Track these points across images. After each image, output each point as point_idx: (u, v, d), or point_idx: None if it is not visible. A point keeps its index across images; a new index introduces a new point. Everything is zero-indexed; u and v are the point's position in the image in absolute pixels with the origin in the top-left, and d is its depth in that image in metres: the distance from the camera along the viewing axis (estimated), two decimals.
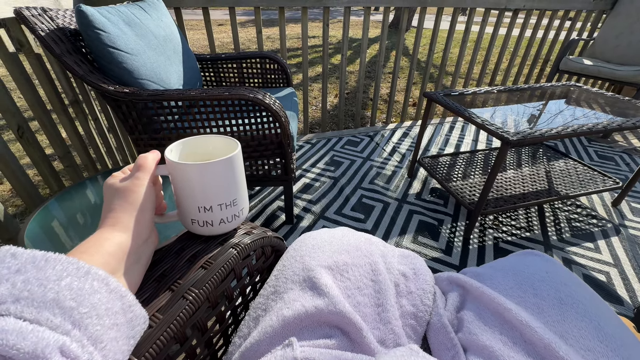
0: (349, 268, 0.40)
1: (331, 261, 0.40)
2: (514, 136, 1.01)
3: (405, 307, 0.39)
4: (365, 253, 0.42)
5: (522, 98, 1.48)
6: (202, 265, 0.35)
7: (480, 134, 2.21)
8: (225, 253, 0.37)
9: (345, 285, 0.38)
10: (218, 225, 0.39)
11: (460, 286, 0.46)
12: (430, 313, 0.40)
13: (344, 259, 0.41)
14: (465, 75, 2.42)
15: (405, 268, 0.44)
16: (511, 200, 1.30)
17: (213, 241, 0.39)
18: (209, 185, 0.36)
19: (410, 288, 0.41)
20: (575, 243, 1.27)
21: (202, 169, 0.35)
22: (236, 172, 0.39)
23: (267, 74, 1.57)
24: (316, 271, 0.38)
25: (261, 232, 0.44)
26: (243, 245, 0.39)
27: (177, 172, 0.36)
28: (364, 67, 2.04)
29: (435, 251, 1.22)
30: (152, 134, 1.03)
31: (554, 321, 0.34)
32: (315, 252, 0.42)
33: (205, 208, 0.37)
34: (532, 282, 0.40)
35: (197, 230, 0.40)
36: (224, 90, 0.95)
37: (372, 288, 0.39)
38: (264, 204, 1.44)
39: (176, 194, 0.38)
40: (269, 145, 1.10)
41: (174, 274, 0.34)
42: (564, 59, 2.30)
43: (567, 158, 1.67)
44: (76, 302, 0.20)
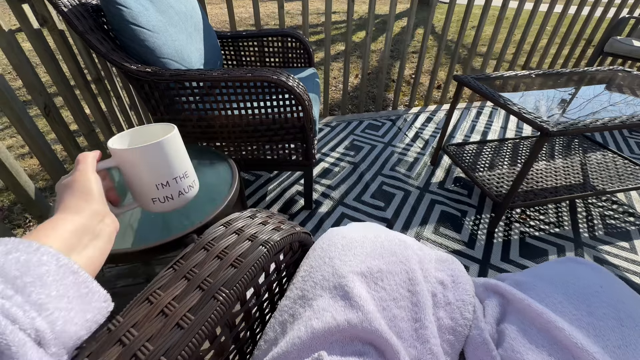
0: (384, 276, 0.38)
1: (364, 267, 0.38)
2: (555, 127, 0.93)
3: (442, 320, 0.37)
4: (401, 259, 0.40)
5: (562, 83, 1.37)
6: (232, 264, 0.34)
7: (510, 121, 2.09)
8: (255, 251, 0.36)
9: (380, 296, 0.36)
10: (178, 197, 0.44)
11: (499, 294, 0.43)
12: (470, 326, 0.38)
13: (379, 265, 0.39)
14: (498, 56, 2.26)
15: (443, 275, 0.41)
16: (542, 194, 1.23)
17: (241, 236, 0.38)
18: (162, 162, 0.41)
19: (449, 298, 0.39)
20: (608, 242, 1.20)
21: (155, 147, 0.40)
22: (180, 148, 0.45)
23: (288, 53, 1.51)
24: (348, 278, 0.36)
25: (290, 227, 0.42)
26: (273, 242, 0.37)
27: (131, 158, 0.40)
28: (389, 44, 1.93)
29: (457, 243, 1.18)
30: (174, 115, 1.02)
31: (615, 346, 0.31)
32: (346, 254, 0.40)
33: (162, 184, 0.42)
34: (584, 298, 0.37)
35: (159, 208, 0.43)
36: (246, 71, 0.91)
37: (409, 300, 0.36)
38: (283, 188, 1.43)
39: (130, 181, 0.42)
40: (290, 129, 1.07)
41: (203, 271, 0.33)
42: (610, 39, 2.10)
43: (605, 150, 1.55)
44: (20, 272, 0.21)
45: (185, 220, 0.64)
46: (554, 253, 1.15)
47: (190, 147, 0.93)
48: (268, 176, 1.51)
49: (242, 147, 1.12)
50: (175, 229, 0.61)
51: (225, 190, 0.71)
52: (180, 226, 0.62)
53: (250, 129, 1.06)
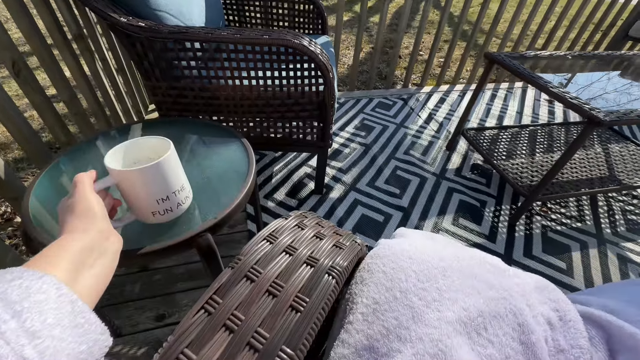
0: (487, 322, 0.28)
1: (459, 309, 0.28)
2: (606, 116, 0.84)
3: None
4: (503, 294, 0.30)
5: (598, 67, 1.26)
6: (291, 305, 0.23)
7: (526, 105, 1.99)
8: (320, 284, 0.25)
9: (488, 354, 0.26)
10: (177, 209, 0.48)
11: (597, 326, 0.35)
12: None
13: (477, 305, 0.28)
14: (517, 39, 2.11)
15: (547, 310, 0.32)
16: (566, 187, 1.16)
17: (295, 258, 0.27)
18: (162, 179, 0.44)
19: (561, 344, 0.30)
20: (631, 239, 1.16)
21: (155, 167, 0.42)
22: (178, 163, 0.47)
23: (298, 17, 1.33)
24: (442, 332, 0.26)
25: (350, 241, 0.32)
26: (341, 269, 0.27)
27: (131, 178, 0.42)
28: (407, 13, 1.75)
29: (478, 236, 1.11)
30: (171, 81, 0.87)
31: None
32: (425, 288, 0.30)
33: (162, 199, 0.45)
34: None
35: (159, 220, 0.48)
36: (262, 33, 0.76)
37: (523, 356, 0.27)
38: (290, 169, 1.31)
39: (129, 197, 0.44)
40: (306, 105, 0.93)
41: (252, 317, 0.22)
42: (637, 23, 1.97)
43: (628, 141, 1.48)
44: (20, 297, 0.21)
45: (194, 214, 0.53)
46: (577, 249, 1.10)
47: (196, 122, 0.80)
48: (273, 156, 1.38)
49: (250, 123, 0.98)
50: (182, 225, 0.50)
51: (240, 177, 0.59)
52: (189, 222, 0.51)
53: (260, 102, 0.92)
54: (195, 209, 0.54)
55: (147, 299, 0.86)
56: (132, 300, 0.86)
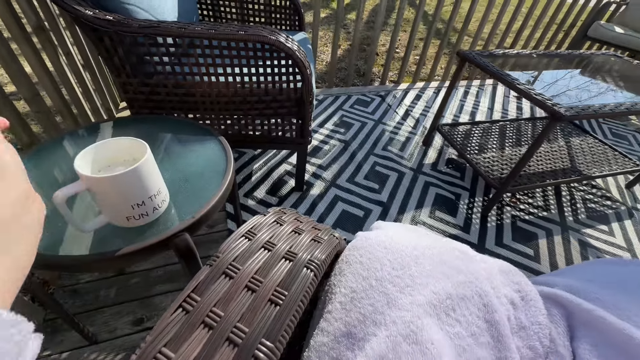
0: (455, 304, 0.30)
1: (429, 293, 0.30)
2: (567, 111, 0.89)
3: (520, 351, 0.30)
4: (469, 277, 0.32)
5: (561, 65, 1.34)
6: (270, 299, 0.24)
7: (496, 101, 2.08)
8: (299, 277, 0.26)
9: (456, 332, 0.28)
10: (152, 213, 0.48)
11: (559, 305, 0.38)
12: (547, 354, 0.32)
13: (446, 289, 0.30)
14: (487, 37, 2.20)
15: (511, 292, 0.34)
16: (533, 179, 1.23)
17: (273, 253, 0.27)
18: (138, 185, 0.43)
19: (522, 321, 0.32)
20: (590, 225, 1.25)
21: (131, 173, 0.40)
22: (154, 168, 0.46)
23: (274, 12, 1.32)
24: (413, 314, 0.28)
25: (329, 236, 0.32)
26: (319, 262, 0.27)
27: (105, 184, 0.40)
28: (383, 12, 1.78)
29: (453, 228, 1.16)
30: (143, 77, 0.84)
31: None
32: (399, 276, 0.31)
33: (138, 204, 0.44)
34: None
35: (133, 224, 0.47)
36: (237, 28, 0.75)
37: (488, 333, 0.29)
38: (270, 167, 1.31)
39: (102, 202, 0.43)
40: (284, 102, 0.93)
41: (231, 313, 0.23)
42: (594, 24, 2.11)
43: (587, 135, 1.59)
44: None
45: (171, 214, 0.51)
46: (543, 237, 1.17)
47: (170, 120, 0.77)
48: (253, 153, 1.37)
49: (227, 120, 0.97)
50: (159, 226, 0.49)
51: (218, 175, 0.59)
52: (166, 222, 0.50)
53: (237, 99, 0.91)
54: (172, 209, 0.52)
55: (124, 303, 0.83)
56: (107, 306, 0.83)
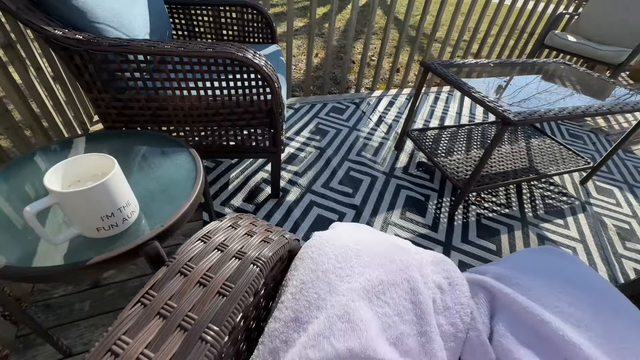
0: (385, 288, 0.35)
1: (364, 280, 0.35)
2: (516, 116, 0.98)
3: (443, 327, 0.36)
4: (400, 266, 0.37)
5: (516, 73, 1.45)
6: (219, 291, 0.28)
7: (464, 106, 2.20)
8: (245, 272, 0.30)
9: (384, 312, 0.33)
10: (122, 224, 0.50)
11: (485, 290, 0.43)
12: (468, 329, 0.37)
13: (379, 276, 0.35)
14: (455, 43, 2.33)
15: (440, 278, 0.40)
16: (495, 178, 1.32)
17: (225, 253, 0.32)
18: (107, 198, 0.45)
19: (447, 303, 0.38)
20: (547, 220, 1.35)
21: (99, 188, 0.43)
22: (123, 181, 0.49)
23: (247, 26, 1.37)
24: (348, 297, 0.33)
25: (279, 237, 0.37)
26: (265, 259, 0.32)
27: (74, 199, 0.43)
28: (354, 24, 1.86)
29: (423, 227, 1.22)
30: (115, 93, 0.86)
31: (597, 336, 0.32)
32: (341, 267, 0.36)
33: (107, 216, 0.47)
34: (562, 288, 0.38)
35: (104, 235, 0.49)
36: (206, 46, 0.79)
37: (412, 312, 0.34)
38: (247, 175, 1.34)
39: (72, 215, 0.46)
40: (256, 113, 0.98)
41: (183, 304, 0.26)
42: (550, 33, 2.28)
43: (545, 136, 1.71)
44: None
45: (141, 223, 0.54)
46: (505, 232, 1.26)
47: (142, 134, 0.80)
48: (229, 162, 1.40)
49: (200, 132, 1.00)
50: (129, 235, 0.52)
51: (188, 186, 0.62)
52: (136, 232, 0.53)
53: (210, 112, 0.94)
54: (143, 219, 0.55)
55: (100, 315, 0.84)
56: (82, 319, 0.83)
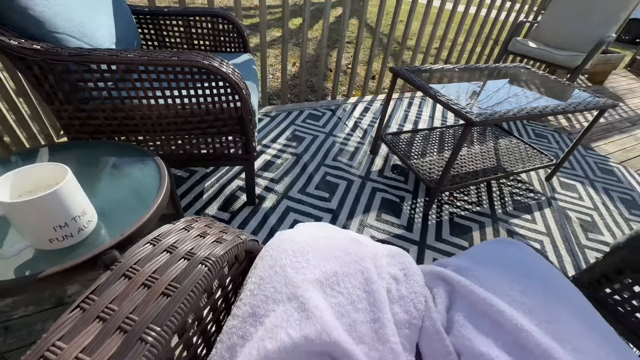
0: (339, 279, 0.36)
1: (319, 272, 0.36)
2: (477, 117, 1.03)
3: (398, 315, 0.37)
4: (355, 258, 0.38)
5: (479, 77, 1.53)
6: (163, 292, 0.28)
7: (437, 110, 2.28)
8: (193, 272, 0.30)
9: (338, 302, 0.34)
10: (78, 234, 0.48)
11: (445, 282, 0.45)
12: (423, 317, 0.38)
13: (334, 268, 0.36)
14: (424, 50, 2.42)
15: (395, 270, 0.41)
16: (466, 178, 1.37)
17: (174, 255, 0.32)
18: (59, 208, 0.44)
19: (402, 292, 0.39)
20: (516, 215, 1.41)
21: (50, 197, 0.42)
22: (77, 189, 0.47)
23: (219, 36, 1.38)
24: (303, 288, 0.33)
25: (234, 236, 0.37)
26: (215, 258, 0.32)
27: (23, 209, 0.41)
28: (327, 34, 1.91)
29: (398, 228, 1.25)
30: (78, 104, 0.84)
31: (545, 322, 0.34)
32: (298, 260, 0.37)
33: (60, 226, 0.45)
34: (516, 277, 0.40)
35: (58, 246, 0.47)
36: (171, 54, 0.79)
37: (366, 301, 0.35)
38: (222, 184, 1.33)
39: (22, 227, 0.44)
40: (227, 120, 0.98)
41: (124, 307, 0.26)
42: (512, 40, 2.42)
43: (511, 136, 1.80)
44: None
45: (100, 232, 0.53)
46: (477, 229, 1.30)
47: (106, 144, 0.78)
48: (204, 171, 1.38)
49: (170, 142, 0.99)
50: (87, 246, 0.50)
51: (151, 194, 0.61)
52: (95, 242, 0.51)
53: (179, 120, 0.94)
54: (103, 228, 0.54)
55: None
56: None
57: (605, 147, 2.10)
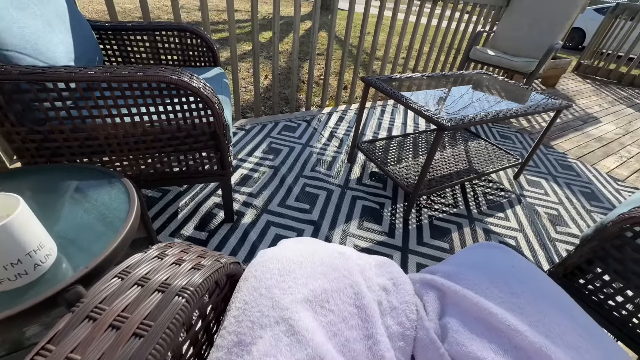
0: (329, 296, 0.34)
1: (307, 291, 0.34)
2: (448, 122, 1.07)
3: (391, 328, 0.36)
4: (343, 273, 0.37)
5: (446, 84, 1.60)
6: (134, 333, 0.25)
7: (409, 116, 2.35)
8: (169, 306, 0.27)
9: (329, 320, 0.32)
10: (34, 270, 0.43)
11: (435, 288, 0.45)
12: (416, 327, 0.37)
13: (322, 285, 0.35)
14: (393, 60, 2.51)
15: (384, 280, 0.40)
16: (442, 181, 1.41)
17: (146, 288, 0.29)
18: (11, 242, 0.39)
19: (393, 303, 0.38)
20: (490, 214, 1.46)
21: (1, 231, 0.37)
22: (30, 221, 0.42)
23: (188, 50, 1.35)
24: (292, 310, 0.31)
25: (213, 261, 0.35)
26: (193, 288, 0.29)
27: None
28: (297, 46, 1.93)
29: (380, 235, 1.25)
30: (33, 125, 0.78)
31: (536, 321, 0.34)
32: (284, 280, 0.35)
33: (12, 263, 0.40)
34: (503, 279, 0.40)
35: (11, 286, 0.42)
36: (136, 70, 0.75)
37: (358, 317, 0.34)
38: (197, 202, 1.27)
39: None
40: (200, 136, 0.94)
41: (89, 355, 0.23)
42: (473, 48, 2.57)
43: (480, 139, 1.89)
44: None
45: (61, 266, 0.48)
46: (455, 230, 1.34)
47: (67, 168, 0.72)
48: (178, 190, 1.32)
49: (139, 161, 0.93)
50: (46, 282, 0.45)
51: (120, 219, 0.57)
52: (55, 277, 0.46)
53: (148, 138, 0.89)
54: (64, 262, 0.49)
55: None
56: None
57: (563, 145, 2.26)
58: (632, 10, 3.84)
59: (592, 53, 4.35)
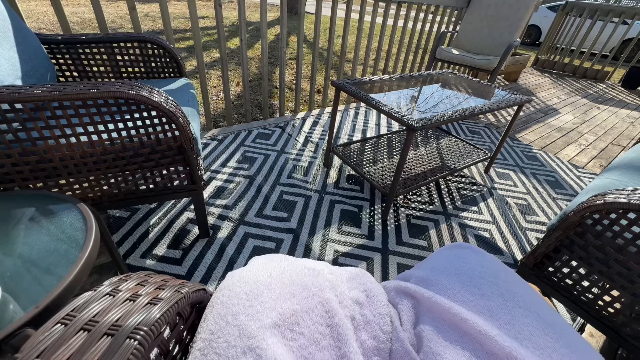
0: (299, 318, 0.33)
1: (275, 315, 0.32)
2: (418, 123, 1.09)
3: (366, 343, 0.35)
4: (314, 290, 0.36)
5: (415, 84, 1.63)
6: None
7: (382, 118, 2.39)
8: (119, 351, 0.25)
9: (299, 344, 0.31)
10: None
11: (409, 296, 0.44)
12: (391, 339, 0.37)
13: (291, 307, 0.33)
14: (363, 62, 2.55)
15: (357, 293, 0.39)
16: (417, 179, 1.44)
17: (92, 333, 0.26)
18: None
19: (367, 316, 0.37)
20: (465, 209, 1.51)
21: None
22: None
23: (150, 62, 1.29)
24: (259, 338, 0.30)
25: (172, 292, 0.32)
26: (148, 327, 0.27)
27: None
28: (266, 52, 1.91)
29: (360, 238, 1.25)
30: None
31: (506, 323, 0.34)
32: (252, 305, 0.33)
33: None
34: (474, 281, 0.41)
35: None
36: (90, 86, 0.71)
37: (330, 337, 0.33)
38: (169, 219, 1.22)
39: None
40: (166, 151, 0.90)
41: None
42: (438, 48, 2.65)
43: (450, 136, 1.95)
44: None
45: (8, 308, 0.44)
46: (433, 227, 1.36)
47: (12, 196, 0.67)
48: (148, 207, 1.26)
49: (101, 182, 0.88)
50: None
51: (74, 250, 0.53)
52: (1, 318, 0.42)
53: (110, 157, 0.84)
54: (11, 302, 0.45)
55: None
56: None
57: (527, 137, 2.38)
58: (580, 7, 4.13)
59: (548, 48, 4.63)
